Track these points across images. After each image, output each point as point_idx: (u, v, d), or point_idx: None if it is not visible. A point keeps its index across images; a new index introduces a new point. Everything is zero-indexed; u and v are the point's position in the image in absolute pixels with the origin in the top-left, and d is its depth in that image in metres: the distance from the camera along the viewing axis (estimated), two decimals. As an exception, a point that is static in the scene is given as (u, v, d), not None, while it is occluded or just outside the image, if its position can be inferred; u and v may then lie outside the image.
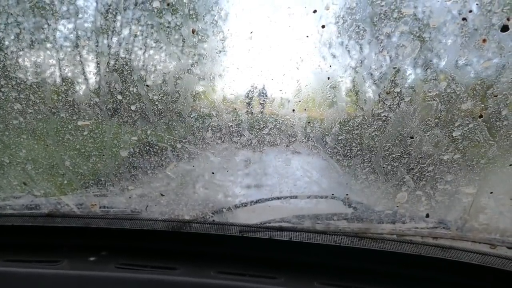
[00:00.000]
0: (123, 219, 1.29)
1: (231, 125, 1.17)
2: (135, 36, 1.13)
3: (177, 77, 1.11)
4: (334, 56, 0.98)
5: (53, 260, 1.24)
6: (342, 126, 1.09)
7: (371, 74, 1.00)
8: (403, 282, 1.10)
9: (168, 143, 1.30)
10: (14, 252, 1.30)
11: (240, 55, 1.05)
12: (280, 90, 1.06)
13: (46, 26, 1.23)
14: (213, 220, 1.27)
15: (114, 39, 1.19)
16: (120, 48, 1.17)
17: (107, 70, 1.18)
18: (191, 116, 1.19)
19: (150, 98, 1.18)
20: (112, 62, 1.17)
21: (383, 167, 1.15)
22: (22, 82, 1.26)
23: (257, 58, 1.05)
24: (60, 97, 1.27)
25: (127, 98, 1.22)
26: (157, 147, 1.34)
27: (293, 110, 1.09)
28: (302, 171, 1.26)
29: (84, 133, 1.36)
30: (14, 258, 1.25)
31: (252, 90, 1.09)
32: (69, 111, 1.32)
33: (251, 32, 0.97)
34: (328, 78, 1.00)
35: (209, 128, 1.22)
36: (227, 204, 1.36)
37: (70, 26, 1.24)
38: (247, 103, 1.13)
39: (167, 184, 1.46)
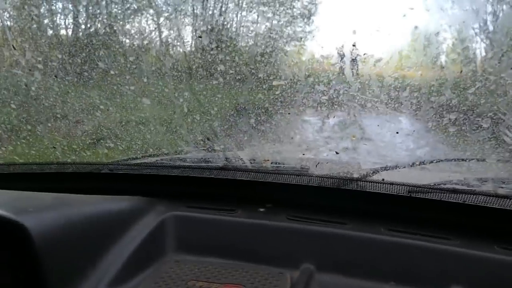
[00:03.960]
0: (291, 175, 1.39)
1: (433, 84, 1.23)
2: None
3: (384, 36, 1.21)
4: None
5: (229, 209, 1.39)
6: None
7: None
8: None
9: (359, 103, 1.40)
10: (194, 200, 1.48)
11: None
12: (501, 49, 1.07)
13: None
14: (383, 179, 1.31)
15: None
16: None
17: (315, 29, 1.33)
18: (392, 76, 1.27)
19: (353, 58, 1.29)
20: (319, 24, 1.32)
21: None
22: (231, 45, 1.47)
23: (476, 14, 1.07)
24: (263, 58, 1.46)
25: (328, 58, 1.35)
26: (346, 106, 1.45)
27: (511, 68, 1.10)
28: (499, 133, 1.25)
29: (276, 93, 1.52)
30: (195, 205, 1.43)
31: (469, 47, 1.13)
32: (268, 72, 1.50)
33: None
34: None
35: (407, 87, 1.28)
36: (402, 163, 1.40)
37: None
38: (460, 60, 1.17)
39: (345, 142, 1.55)
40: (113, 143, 1.91)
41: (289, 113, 1.57)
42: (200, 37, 1.48)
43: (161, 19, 1.62)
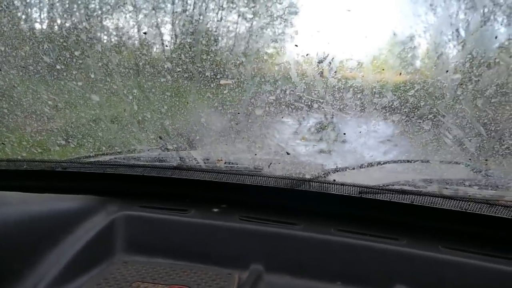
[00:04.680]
0: (245, 175, 1.39)
1: (375, 86, 1.23)
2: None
3: (327, 38, 1.19)
4: (502, 13, 0.96)
5: (182, 209, 1.29)
6: (498, 88, 1.09)
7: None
8: None
9: (305, 103, 1.39)
10: (147, 199, 1.45)
11: (394, 12, 1.08)
12: (436, 52, 1.08)
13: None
14: (334, 180, 1.33)
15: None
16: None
17: (259, 29, 1.29)
18: (335, 77, 1.26)
19: (296, 59, 1.27)
20: (264, 23, 1.28)
21: (538, 133, 1.12)
22: (174, 42, 1.42)
23: (415, 15, 1.07)
24: (209, 57, 1.41)
25: (273, 58, 1.32)
26: (293, 107, 1.43)
27: (447, 71, 1.11)
28: (440, 135, 1.27)
29: (224, 92, 1.49)
30: (148, 205, 1.31)
31: (406, 50, 1.13)
32: (214, 70, 1.46)
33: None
34: (496, 37, 1.00)
35: (351, 88, 1.28)
36: (352, 165, 1.42)
37: None
38: (398, 64, 1.17)
39: (295, 143, 1.55)
40: (64, 140, 1.85)
41: (238, 113, 1.55)
42: (145, 33, 1.42)
43: (104, 12, 1.55)
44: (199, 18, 1.38)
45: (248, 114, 1.52)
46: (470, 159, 1.25)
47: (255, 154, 1.58)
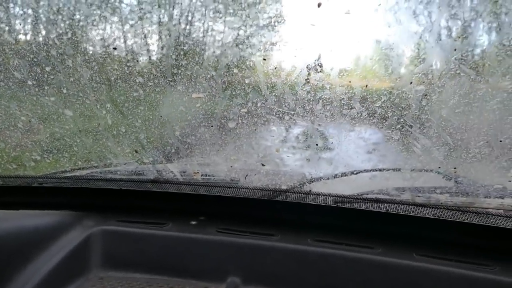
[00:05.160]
0: (222, 187, 1.39)
1: (343, 98, 1.24)
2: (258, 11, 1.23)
3: (295, 51, 1.20)
4: (462, 27, 0.99)
5: (160, 223, 1.29)
6: (461, 99, 1.11)
7: (503, 45, 1.00)
8: (508, 257, 1.06)
9: (277, 115, 1.39)
10: (125, 213, 1.44)
11: (362, 27, 1.09)
12: (400, 63, 1.10)
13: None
14: (310, 190, 1.34)
15: (233, 16, 1.29)
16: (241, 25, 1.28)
17: (227, 44, 1.29)
18: (304, 89, 1.27)
19: (265, 71, 1.27)
20: (232, 38, 1.28)
21: (500, 141, 1.15)
22: (144, 57, 1.42)
23: (380, 30, 1.08)
24: (180, 71, 1.41)
25: (242, 72, 1.33)
26: (265, 119, 1.44)
27: (411, 83, 1.13)
28: (409, 144, 1.29)
29: (197, 105, 1.49)
30: (125, 219, 1.31)
31: (370, 62, 1.14)
32: (186, 84, 1.46)
33: (379, 4, 1.01)
34: (455, 50, 1.02)
35: (320, 100, 1.29)
36: (326, 175, 1.43)
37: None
38: (363, 76, 1.19)
39: (269, 155, 1.56)
40: (40, 156, 1.83)
41: (211, 126, 1.55)
42: (115, 48, 1.42)
43: (75, 27, 1.54)
44: (169, 33, 1.39)
45: (221, 127, 1.52)
46: (439, 168, 1.27)
47: (231, 166, 1.58)
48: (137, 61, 1.45)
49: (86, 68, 1.56)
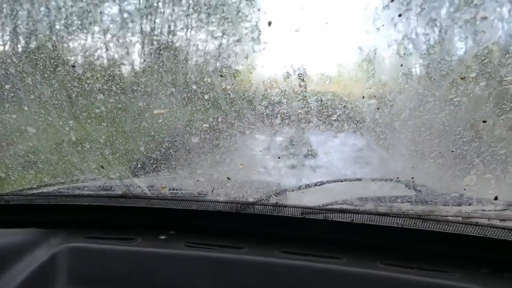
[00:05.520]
0: (190, 201, 1.39)
1: (300, 112, 1.25)
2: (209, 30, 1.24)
3: (251, 67, 1.21)
4: (407, 44, 1.02)
5: (129, 238, 1.28)
6: (412, 112, 1.14)
7: (446, 61, 1.04)
8: (468, 264, 1.09)
9: (238, 130, 1.40)
10: (92, 229, 1.43)
11: (312, 44, 1.11)
12: (351, 78, 1.12)
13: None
14: (276, 202, 1.35)
15: (191, 33, 1.30)
16: (195, 40, 1.29)
17: (184, 61, 1.30)
18: (262, 104, 1.28)
19: (224, 87, 1.28)
20: (188, 54, 1.29)
21: (452, 151, 1.19)
22: (106, 74, 1.41)
23: (329, 48, 1.11)
24: (140, 88, 1.41)
25: (201, 88, 1.33)
26: (227, 133, 1.45)
27: (363, 97, 1.15)
28: (368, 156, 1.32)
29: (159, 121, 1.49)
30: (93, 235, 1.30)
31: (323, 78, 1.16)
32: (147, 101, 1.45)
33: (326, 23, 1.04)
34: (401, 65, 1.05)
35: (278, 115, 1.30)
36: (290, 187, 1.45)
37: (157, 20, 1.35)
38: (317, 91, 1.20)
39: (234, 169, 1.57)
40: (4, 173, 1.80)
41: (175, 141, 1.55)
42: (74, 66, 1.40)
43: (33, 44, 1.52)
44: (127, 51, 1.38)
45: (185, 142, 1.52)
46: (398, 177, 1.30)
47: (197, 180, 1.59)
48: (97, 78, 1.44)
49: (46, 85, 1.54)
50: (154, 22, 1.32)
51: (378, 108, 1.17)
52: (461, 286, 1.05)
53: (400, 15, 0.99)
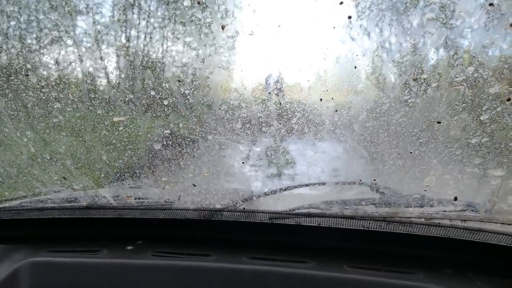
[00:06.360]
0: (157, 209, 1.36)
1: (260, 116, 1.25)
2: (166, 35, 1.22)
3: (209, 72, 1.19)
4: (360, 46, 1.03)
5: (94, 250, 1.25)
6: (369, 113, 1.14)
7: (398, 62, 1.05)
8: (433, 264, 1.10)
9: (200, 135, 1.38)
10: (57, 243, 1.39)
11: (267, 47, 1.11)
12: (308, 80, 1.12)
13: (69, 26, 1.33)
14: (243, 208, 1.34)
15: (147, 38, 1.28)
16: (150, 46, 1.27)
17: (140, 67, 1.28)
18: (221, 109, 1.26)
19: (182, 92, 1.26)
20: (145, 60, 1.26)
21: (411, 152, 1.20)
22: (62, 82, 1.37)
23: (284, 50, 1.11)
24: (97, 95, 1.38)
25: (160, 94, 1.31)
26: (189, 139, 1.42)
27: (321, 99, 1.15)
28: (330, 158, 1.32)
29: (120, 129, 1.46)
30: (58, 249, 1.26)
31: (280, 81, 1.16)
32: (105, 108, 1.42)
33: (279, 26, 1.03)
34: (355, 67, 1.06)
35: (239, 119, 1.29)
36: (256, 193, 1.44)
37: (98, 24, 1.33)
38: (275, 94, 1.20)
39: (199, 175, 1.55)
40: (-38, 189, 1.73)
41: (138, 148, 1.52)
42: (27, 75, 1.36)
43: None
44: (80, 58, 1.35)
45: (147, 149, 1.49)
46: (360, 180, 1.31)
47: (163, 188, 1.56)
48: (52, 86, 1.40)
49: (-1, 96, 1.49)
50: (108, 28, 1.29)
51: (336, 111, 1.17)
52: (425, 287, 1.06)
53: (350, 17, 0.99)
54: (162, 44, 1.29)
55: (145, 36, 1.30)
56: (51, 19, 1.27)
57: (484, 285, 1.07)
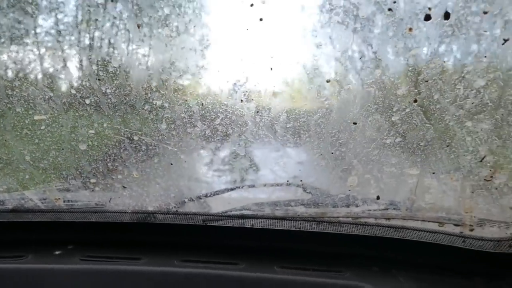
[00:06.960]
0: (88, 212, 1.32)
1: (184, 116, 1.23)
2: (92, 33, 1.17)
3: (127, 71, 1.16)
4: (275, 46, 1.03)
5: (17, 256, 1.21)
6: (289, 114, 1.15)
7: (312, 64, 1.06)
8: (361, 262, 1.13)
9: (125, 136, 1.35)
10: None
11: (191, 51, 1.10)
12: (227, 81, 1.11)
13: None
14: (176, 211, 1.32)
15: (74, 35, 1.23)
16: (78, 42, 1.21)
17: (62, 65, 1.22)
18: (145, 109, 1.23)
19: (103, 91, 1.22)
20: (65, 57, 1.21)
21: (332, 153, 1.22)
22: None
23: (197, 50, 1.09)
24: (15, 92, 1.31)
25: (81, 92, 1.26)
26: (115, 140, 1.38)
27: (241, 101, 1.15)
28: (256, 160, 1.32)
29: (42, 128, 1.39)
30: None
31: (199, 81, 1.15)
32: (25, 106, 1.35)
33: (194, 26, 1.02)
34: (271, 69, 1.06)
35: (163, 119, 1.27)
36: (188, 195, 1.43)
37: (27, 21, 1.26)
38: (196, 94, 1.19)
39: (128, 176, 1.51)
40: None
41: (63, 149, 1.46)
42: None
43: None
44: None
45: (73, 150, 1.44)
46: (288, 181, 1.32)
47: (92, 190, 1.51)
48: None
49: None
50: (22, 23, 1.23)
51: (257, 112, 1.17)
52: (351, 285, 1.08)
53: (261, 19, 1.00)
54: (78, 40, 1.24)
55: (59, 32, 1.24)
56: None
57: (406, 281, 1.10)
